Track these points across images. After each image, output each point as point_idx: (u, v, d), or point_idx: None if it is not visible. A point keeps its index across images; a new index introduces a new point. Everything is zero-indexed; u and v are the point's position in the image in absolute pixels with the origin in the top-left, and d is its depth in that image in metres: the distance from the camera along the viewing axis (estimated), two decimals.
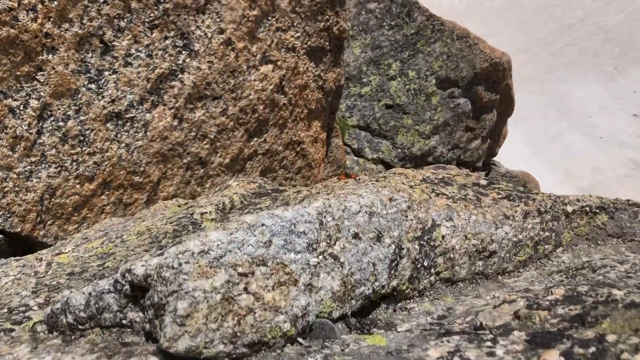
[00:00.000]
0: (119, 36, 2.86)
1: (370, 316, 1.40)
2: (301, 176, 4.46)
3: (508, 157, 12.85)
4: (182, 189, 3.37)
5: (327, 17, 4.13)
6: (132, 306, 1.24)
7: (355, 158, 6.36)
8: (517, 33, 26.68)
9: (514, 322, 1.20)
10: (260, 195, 2.04)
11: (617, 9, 27.86)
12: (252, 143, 3.82)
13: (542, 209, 1.80)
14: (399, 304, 1.42)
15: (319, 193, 1.76)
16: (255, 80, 3.66)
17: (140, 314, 1.22)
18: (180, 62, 3.17)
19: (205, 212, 1.94)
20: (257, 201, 1.97)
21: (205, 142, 3.44)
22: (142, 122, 3.04)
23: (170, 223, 1.87)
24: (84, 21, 2.70)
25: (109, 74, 2.86)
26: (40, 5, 2.53)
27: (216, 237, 1.21)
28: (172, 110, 3.18)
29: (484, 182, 1.84)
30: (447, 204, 1.57)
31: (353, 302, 1.36)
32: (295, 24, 3.88)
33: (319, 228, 1.33)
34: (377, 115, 6.50)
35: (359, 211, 1.40)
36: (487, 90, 7.40)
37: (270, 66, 3.75)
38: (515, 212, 1.70)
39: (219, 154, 3.57)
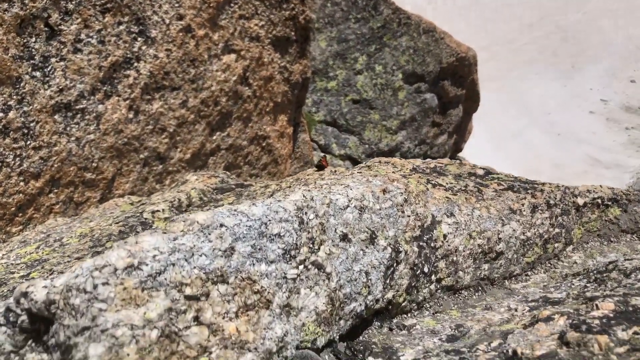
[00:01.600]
0: (66, 20, 2.61)
1: (361, 338, 1.15)
2: (267, 173, 4.27)
3: (472, 152, 12.90)
4: (139, 186, 3.14)
5: (293, 5, 3.94)
6: (34, 345, 0.88)
7: (322, 154, 6.19)
8: (478, 31, 26.95)
9: (562, 351, 0.92)
10: (222, 190, 1.84)
11: (575, 9, 28.51)
12: (214, 137, 3.61)
13: (552, 202, 1.62)
14: (395, 320, 1.20)
15: (290, 186, 1.57)
16: (217, 70, 3.45)
17: (45, 356, 0.86)
18: (135, 49, 2.94)
19: (157, 211, 1.70)
20: (218, 197, 1.76)
21: (163, 136, 3.21)
22: (94, 114, 2.80)
23: (117, 223, 1.63)
24: (26, 1, 2.45)
25: (56, 61, 2.60)
26: None
27: (152, 244, 0.87)
28: (127, 102, 2.95)
29: (480, 171, 1.68)
30: (446, 197, 1.38)
31: (342, 322, 1.10)
32: (259, 12, 3.68)
33: (299, 228, 1.05)
34: (344, 111, 6.34)
35: (347, 206, 1.16)
36: (453, 85, 7.34)
37: (233, 56, 3.54)
38: (522, 205, 1.51)
39: (179, 149, 3.35)
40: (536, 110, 23.99)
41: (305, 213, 1.07)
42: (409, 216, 1.23)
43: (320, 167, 1.93)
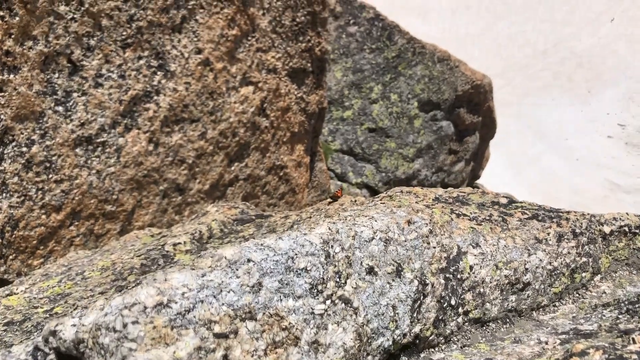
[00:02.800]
0: (88, 55, 2.67)
1: None
2: (285, 202, 4.27)
3: (490, 179, 12.81)
4: (158, 218, 3.16)
5: (309, 37, 4.00)
6: None
7: (339, 183, 6.19)
8: (493, 58, 27.07)
9: None
10: (242, 221, 1.84)
11: (589, 34, 28.52)
12: (232, 168, 3.63)
13: (577, 230, 1.59)
14: (423, 355, 1.16)
15: (310, 217, 1.57)
16: (235, 102, 3.49)
17: None
18: (155, 83, 2.99)
19: (179, 243, 1.70)
20: (239, 229, 1.76)
21: (183, 167, 3.24)
22: (115, 147, 2.84)
23: (138, 256, 1.63)
24: (50, 39, 2.51)
25: (78, 96, 2.66)
26: None
27: (181, 281, 0.86)
28: (147, 134, 2.99)
29: (504, 200, 1.66)
30: (471, 227, 1.37)
31: (369, 358, 1.07)
32: (276, 45, 3.73)
33: (325, 262, 1.03)
34: (360, 139, 6.36)
35: (372, 238, 1.14)
36: (469, 113, 7.34)
37: (250, 88, 3.58)
38: (548, 234, 1.49)
39: (197, 180, 3.37)
40: (553, 135, 23.85)
41: (332, 246, 1.05)
42: (434, 247, 1.22)
43: (335, 198, 1.92)
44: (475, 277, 1.29)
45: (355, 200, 1.64)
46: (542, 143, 23.34)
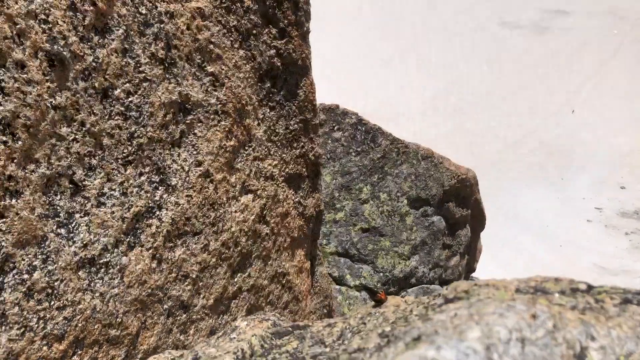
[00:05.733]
0: (90, 175, 2.64)
1: None
2: (289, 311, 4.11)
3: (481, 271, 12.72)
4: (163, 339, 2.98)
5: (302, 143, 4.06)
6: None
7: (338, 287, 6.04)
8: (465, 155, 27.92)
9: None
10: (279, 334, 1.71)
11: (554, 125, 29.86)
12: (236, 279, 3.51)
13: None
14: None
15: (365, 323, 1.45)
16: (236, 211, 3.44)
17: None
18: (157, 198, 2.94)
19: None
20: (279, 343, 1.63)
21: (187, 283, 3.11)
22: (118, 267, 2.73)
23: None
24: (52, 161, 2.48)
25: (80, 217, 2.58)
26: (2, 147, 2.30)
27: None
28: (150, 251, 2.89)
29: (582, 285, 1.58)
30: (578, 317, 1.27)
31: None
32: (272, 152, 3.77)
33: None
34: (355, 240, 6.30)
35: (509, 339, 1.02)
36: (458, 206, 7.39)
37: (250, 196, 3.56)
38: None
39: (202, 295, 3.23)
40: (535, 224, 24.14)
41: (493, 353, 0.91)
42: (561, 344, 1.10)
43: (380, 301, 1.80)
44: None
45: (399, 306, 1.53)
46: (525, 233, 23.55)
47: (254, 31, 3.56)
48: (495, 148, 28.79)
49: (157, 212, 2.94)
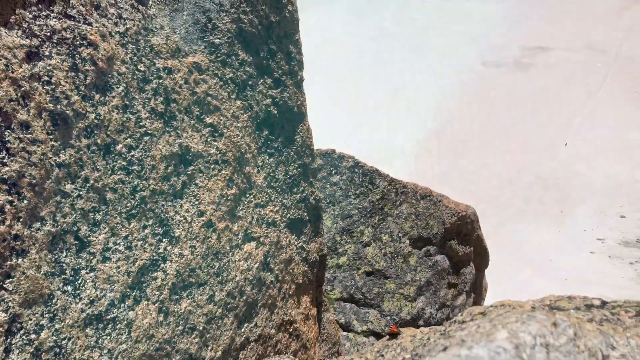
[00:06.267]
0: (95, 230, 2.65)
1: None
2: None
3: None
4: None
5: (302, 188, 4.09)
6: None
7: (345, 333, 5.95)
8: (462, 194, 27.95)
9: None
10: None
11: (548, 159, 30.08)
12: (243, 330, 3.47)
13: None
14: None
15: (383, 356, 1.44)
16: (239, 260, 3.44)
17: None
18: (161, 250, 2.94)
19: None
20: None
21: (194, 335, 3.08)
22: (125, 322, 2.70)
23: None
24: (57, 218, 2.49)
25: (86, 273, 2.58)
26: (8, 206, 2.32)
27: None
28: (157, 304, 2.87)
29: (597, 301, 1.58)
30: (597, 328, 1.27)
31: None
32: (272, 199, 3.79)
33: None
34: (359, 284, 6.25)
35: (535, 344, 1.04)
36: (460, 244, 7.37)
37: (253, 243, 3.56)
38: None
39: (209, 347, 3.19)
40: (537, 259, 23.98)
41: (524, 350, 0.92)
42: (583, 351, 1.11)
43: (393, 334, 1.79)
44: None
45: (415, 335, 1.52)
46: (528, 267, 23.36)
47: (250, 82, 3.64)
48: (491, 185, 28.87)
49: (162, 265, 2.94)
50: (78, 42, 2.53)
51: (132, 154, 2.82)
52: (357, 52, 40.04)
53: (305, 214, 4.11)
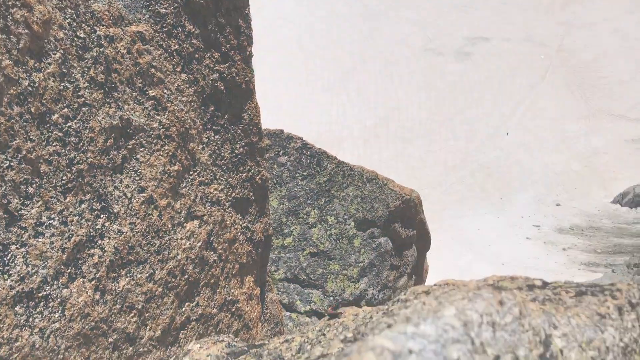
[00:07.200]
0: (27, 204, 2.51)
1: None
2: (239, 340, 4.01)
3: None
4: None
5: (249, 167, 4.03)
6: None
7: (288, 313, 5.96)
8: (408, 179, 28.47)
9: None
10: (235, 354, 1.66)
11: (491, 147, 30.96)
12: (184, 309, 3.40)
13: (633, 301, 1.52)
14: None
15: (324, 334, 1.43)
16: (182, 238, 3.36)
17: None
18: (99, 226, 2.83)
19: None
20: None
21: (132, 314, 2.99)
22: (59, 300, 2.59)
23: None
24: None
25: (17, 248, 2.45)
26: None
27: None
28: (93, 282, 2.77)
29: (538, 282, 1.60)
30: (540, 308, 1.28)
31: None
32: (217, 177, 3.71)
33: (473, 350, 0.90)
34: (304, 265, 6.26)
35: (481, 322, 1.02)
36: (403, 227, 7.49)
37: (196, 222, 3.48)
38: (608, 308, 1.41)
39: (148, 327, 3.11)
40: (478, 244, 24.75)
41: (472, 329, 0.90)
42: (527, 330, 1.11)
43: (334, 316, 1.78)
44: None
45: (357, 314, 1.52)
46: (469, 252, 24.10)
47: (196, 55, 3.53)
48: (436, 171, 29.53)
49: (99, 241, 2.83)
50: (10, 3, 2.37)
51: (69, 124, 2.69)
52: (308, 33, 39.83)
53: (251, 194, 4.05)
